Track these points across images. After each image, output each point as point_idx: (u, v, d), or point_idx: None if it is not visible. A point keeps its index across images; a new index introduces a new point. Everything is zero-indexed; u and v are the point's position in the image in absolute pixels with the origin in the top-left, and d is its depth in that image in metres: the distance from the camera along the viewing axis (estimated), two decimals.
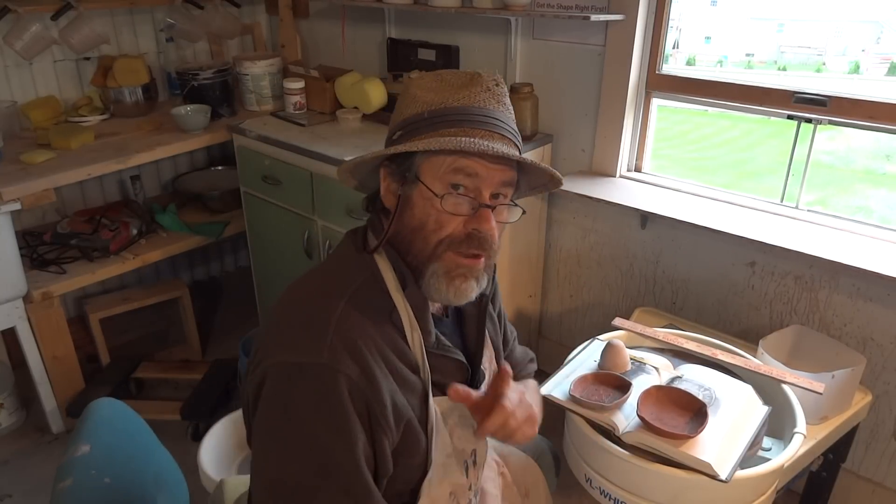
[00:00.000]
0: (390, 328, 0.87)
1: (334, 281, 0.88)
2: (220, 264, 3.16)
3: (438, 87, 0.89)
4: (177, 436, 2.14)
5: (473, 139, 0.83)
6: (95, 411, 1.06)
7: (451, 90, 0.88)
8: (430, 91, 0.89)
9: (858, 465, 1.86)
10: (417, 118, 0.87)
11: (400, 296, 0.88)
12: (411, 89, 0.90)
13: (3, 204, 1.85)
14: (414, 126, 0.87)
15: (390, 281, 0.89)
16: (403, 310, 0.88)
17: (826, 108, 1.69)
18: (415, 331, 0.88)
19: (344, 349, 0.79)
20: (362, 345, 0.81)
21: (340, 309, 0.83)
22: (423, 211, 0.86)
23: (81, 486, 0.94)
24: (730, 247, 1.89)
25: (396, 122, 0.91)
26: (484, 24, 2.20)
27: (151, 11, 2.60)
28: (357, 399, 0.79)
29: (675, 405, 1.28)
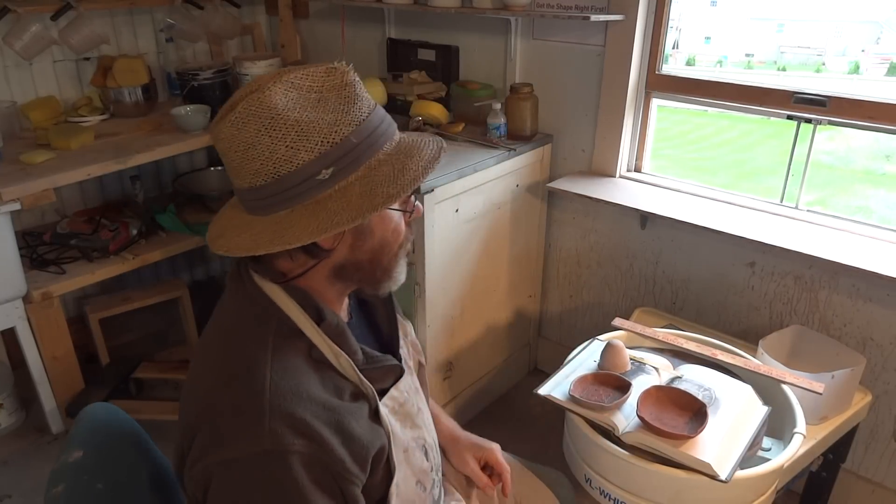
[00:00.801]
0: (315, 368, 0.82)
1: (246, 345, 0.82)
2: (220, 264, 3.16)
3: (314, 101, 0.77)
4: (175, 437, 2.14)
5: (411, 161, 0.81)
6: (89, 416, 1.05)
7: (335, 102, 0.78)
8: (310, 108, 0.77)
9: (858, 466, 1.86)
10: (346, 148, 0.77)
11: (315, 331, 0.83)
12: (283, 115, 0.75)
13: (3, 204, 1.85)
14: (349, 158, 0.78)
15: (300, 319, 0.83)
16: (322, 343, 0.83)
17: (826, 108, 1.69)
18: (340, 357, 0.84)
19: (285, 426, 0.75)
20: (301, 412, 0.76)
21: (268, 382, 0.77)
22: (384, 231, 0.86)
23: (74, 491, 0.94)
24: (730, 247, 1.89)
25: (306, 161, 0.76)
26: (484, 24, 2.20)
27: (151, 12, 2.60)
28: (314, 470, 0.76)
29: (674, 405, 1.28)
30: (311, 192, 0.78)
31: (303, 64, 2.65)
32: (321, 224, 0.76)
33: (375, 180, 0.79)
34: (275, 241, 0.77)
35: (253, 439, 0.74)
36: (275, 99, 0.75)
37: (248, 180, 0.78)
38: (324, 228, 0.76)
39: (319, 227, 0.76)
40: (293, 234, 0.77)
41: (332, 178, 0.77)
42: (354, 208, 0.77)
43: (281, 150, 0.76)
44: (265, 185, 0.77)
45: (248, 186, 0.79)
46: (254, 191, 0.79)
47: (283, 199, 0.78)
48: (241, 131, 0.76)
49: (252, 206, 0.81)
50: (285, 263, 0.84)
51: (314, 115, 0.76)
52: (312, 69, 0.79)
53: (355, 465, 0.80)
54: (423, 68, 2.29)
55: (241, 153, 0.77)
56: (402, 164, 0.80)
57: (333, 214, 0.77)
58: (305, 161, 0.76)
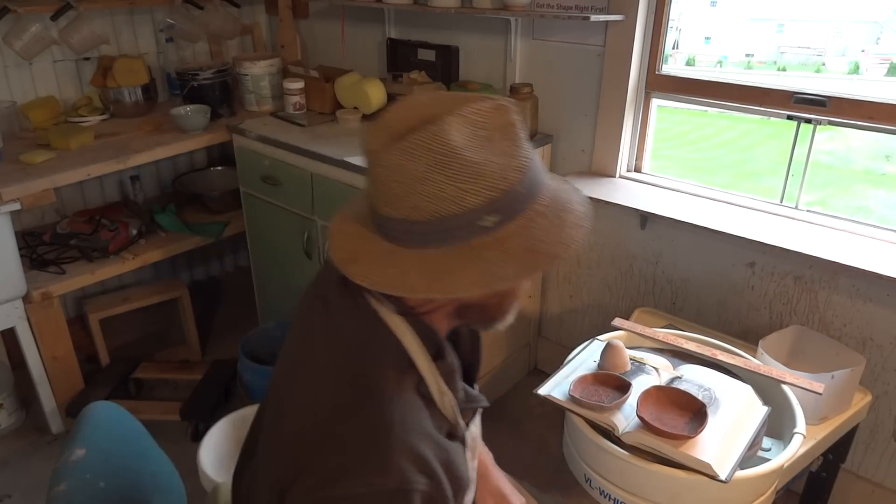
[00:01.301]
0: (422, 402, 0.79)
1: (371, 370, 0.78)
2: (220, 264, 3.16)
3: (485, 140, 0.72)
4: (176, 436, 2.14)
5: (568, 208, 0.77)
6: (91, 415, 1.06)
7: (503, 143, 0.73)
8: (482, 148, 0.72)
9: (858, 466, 1.86)
10: (512, 196, 0.72)
11: (428, 367, 0.80)
12: (459, 154, 0.70)
13: (3, 204, 1.85)
14: (514, 207, 0.73)
15: (416, 353, 0.79)
16: (432, 379, 0.80)
17: (825, 108, 1.69)
18: (445, 396, 0.81)
19: (411, 463, 0.72)
20: (424, 449, 0.74)
21: (396, 415, 0.74)
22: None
23: (76, 490, 0.94)
24: (729, 247, 1.89)
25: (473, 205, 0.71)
26: (484, 25, 2.20)
27: (151, 12, 2.60)
28: None
29: (674, 405, 1.28)
30: (470, 237, 0.73)
31: (302, 64, 2.65)
32: (484, 277, 0.72)
33: (536, 235, 0.74)
34: (433, 287, 0.72)
35: (380, 476, 0.71)
36: (452, 134, 0.70)
37: (404, 212, 0.73)
38: (487, 283, 0.71)
39: (483, 281, 0.71)
40: (454, 282, 0.72)
41: (495, 226, 0.73)
42: (518, 263, 0.72)
43: (450, 191, 0.70)
44: (423, 221, 0.72)
45: (399, 217, 0.73)
46: (406, 223, 0.73)
47: (437, 238, 0.73)
48: (411, 163, 0.71)
49: (395, 236, 0.75)
50: (417, 301, 0.80)
51: (486, 157, 0.71)
52: (480, 104, 0.73)
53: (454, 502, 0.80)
54: (423, 68, 2.29)
55: (405, 185, 0.71)
56: (559, 219, 0.75)
57: (495, 267, 0.72)
58: (473, 206, 0.71)
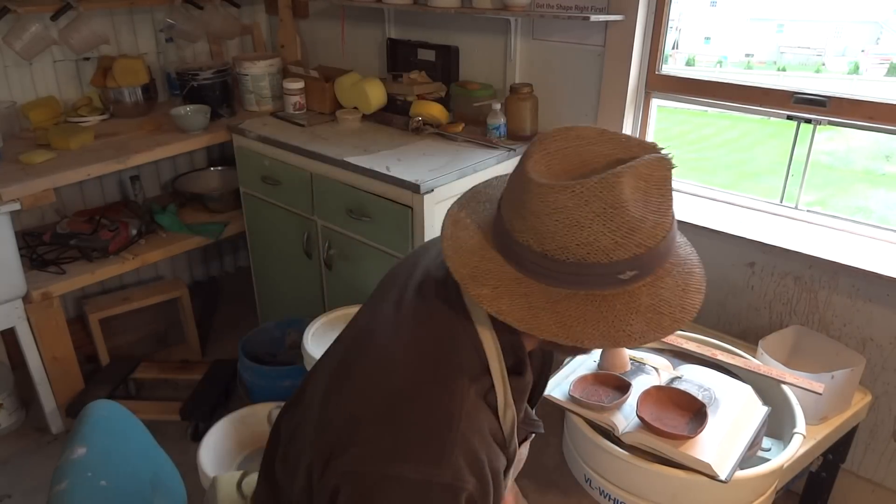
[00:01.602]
0: (486, 408, 0.79)
1: (448, 365, 0.78)
2: (220, 264, 3.16)
3: (645, 194, 0.70)
4: (176, 436, 2.14)
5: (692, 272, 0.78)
6: (92, 413, 1.06)
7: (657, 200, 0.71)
8: (642, 204, 0.70)
9: (858, 466, 1.86)
10: (654, 254, 0.72)
11: (501, 378, 0.80)
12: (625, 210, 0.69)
13: (3, 204, 1.85)
14: (652, 265, 0.73)
15: (494, 361, 0.79)
16: (501, 391, 0.80)
17: (825, 108, 1.69)
18: (509, 409, 0.81)
19: (466, 463, 0.73)
20: (482, 454, 0.75)
21: (463, 412, 0.75)
22: None
23: (77, 488, 0.94)
24: (729, 247, 1.89)
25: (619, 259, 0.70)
26: (484, 25, 2.20)
27: (151, 12, 2.60)
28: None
29: (674, 405, 1.28)
30: (603, 286, 0.72)
31: (302, 64, 2.65)
32: (612, 332, 0.71)
33: (662, 295, 0.73)
34: (562, 333, 0.71)
35: (435, 467, 0.72)
36: (625, 190, 0.69)
37: (548, 248, 0.71)
38: (614, 339, 0.71)
39: (611, 336, 0.71)
40: (584, 332, 0.71)
41: (630, 280, 0.72)
42: (645, 322, 0.71)
43: (605, 241, 0.70)
44: (565, 262, 0.71)
45: (540, 251, 0.72)
46: (546, 259, 0.72)
47: (574, 282, 0.72)
48: (579, 207, 0.69)
49: (527, 266, 0.74)
50: None
51: (643, 214, 0.70)
52: (650, 158, 0.71)
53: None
54: (423, 68, 2.29)
55: (562, 225, 0.70)
56: (684, 283, 0.75)
57: (622, 322, 0.71)
58: (619, 259, 0.71)
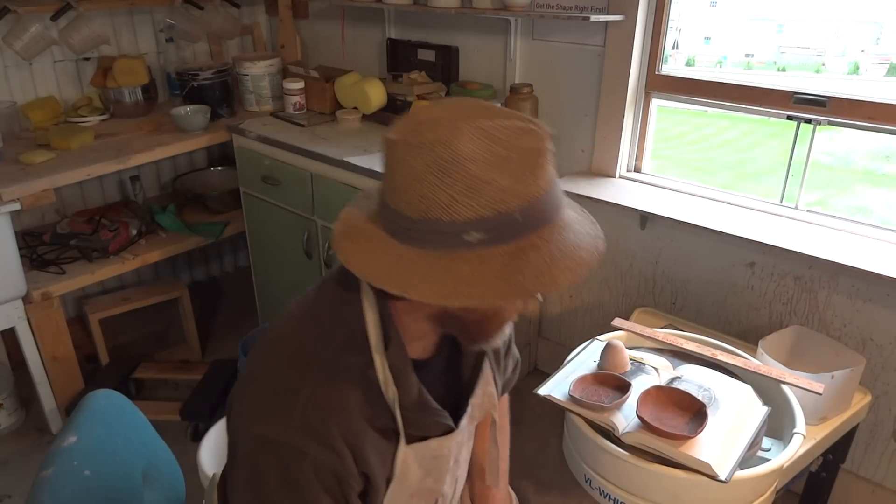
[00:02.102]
0: (364, 384, 0.82)
1: (315, 338, 0.83)
2: (220, 265, 3.16)
3: (499, 158, 0.69)
4: (176, 436, 2.14)
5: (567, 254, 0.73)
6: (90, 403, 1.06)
7: (518, 167, 0.70)
8: (492, 165, 0.69)
9: (858, 466, 1.86)
10: (505, 220, 0.70)
11: (380, 353, 0.82)
12: (462, 163, 0.68)
13: (3, 204, 1.85)
14: (504, 231, 0.70)
15: (373, 338, 0.82)
16: (381, 367, 0.82)
17: (825, 108, 1.69)
18: (390, 387, 0.83)
19: (311, 430, 0.78)
20: (331, 425, 0.79)
21: (310, 385, 0.79)
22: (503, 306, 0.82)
23: (61, 476, 0.94)
24: (729, 247, 1.89)
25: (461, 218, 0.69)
26: (484, 25, 2.20)
27: (151, 12, 2.60)
28: (324, 473, 0.79)
29: (674, 405, 1.28)
30: (451, 246, 0.71)
31: (302, 64, 2.65)
32: (446, 290, 0.70)
33: (517, 266, 0.70)
34: (395, 282, 0.72)
35: (279, 426, 0.78)
36: (462, 143, 0.68)
37: (399, 206, 0.73)
38: (447, 296, 0.70)
39: (444, 293, 0.70)
40: (416, 286, 0.71)
41: (479, 243, 0.70)
42: (487, 288, 0.70)
43: (443, 196, 0.69)
44: (411, 218, 0.72)
45: (395, 209, 0.74)
46: (397, 216, 0.74)
47: (420, 239, 0.72)
48: (414, 159, 0.70)
49: (387, 223, 0.76)
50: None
51: (491, 175, 0.69)
52: (511, 122, 0.71)
53: (358, 476, 0.84)
54: (423, 69, 2.29)
55: (405, 179, 0.71)
56: (552, 260, 0.71)
57: (464, 284, 0.70)
58: (462, 218, 0.69)
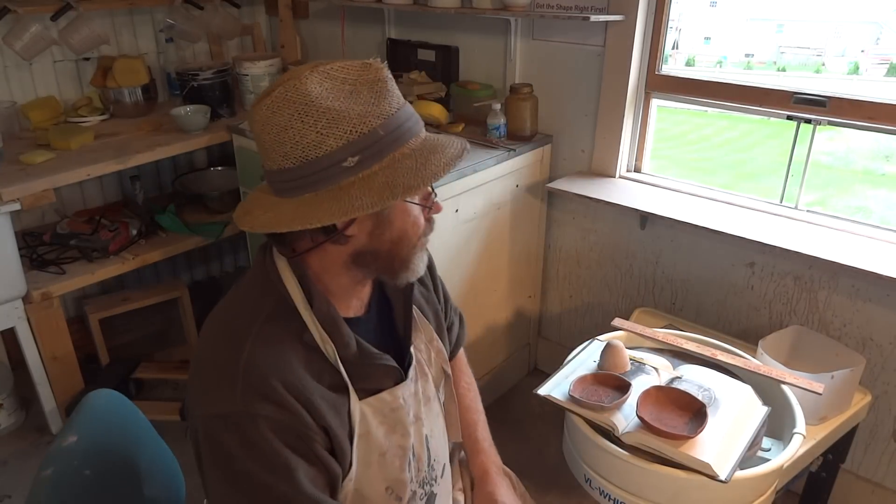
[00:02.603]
0: (304, 349, 0.87)
1: (241, 316, 0.88)
2: (220, 265, 3.16)
3: (347, 92, 0.81)
4: (176, 436, 2.12)
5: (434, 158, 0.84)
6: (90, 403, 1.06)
7: (367, 95, 0.82)
8: (343, 98, 0.80)
9: (858, 466, 1.87)
10: (373, 139, 0.80)
11: (308, 313, 0.88)
12: (316, 103, 0.79)
13: (3, 204, 1.85)
14: (375, 148, 0.81)
15: (298, 300, 0.88)
16: (313, 327, 0.87)
17: (825, 108, 1.69)
18: (328, 345, 0.88)
19: (255, 393, 0.81)
20: (274, 382, 0.82)
21: (246, 352, 0.83)
22: (404, 222, 0.89)
23: (61, 476, 0.94)
24: (729, 247, 1.89)
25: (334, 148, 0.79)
26: (484, 25, 2.20)
27: (151, 12, 2.60)
28: (283, 432, 0.82)
29: (674, 405, 1.28)
30: (337, 178, 0.81)
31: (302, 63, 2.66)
32: (343, 207, 0.80)
33: (398, 172, 0.82)
34: (296, 220, 0.81)
35: (226, 400, 0.81)
36: (310, 87, 0.79)
37: (279, 162, 0.82)
38: (344, 212, 0.79)
39: (340, 210, 0.80)
40: (315, 215, 0.80)
41: (358, 165, 0.81)
42: (375, 195, 0.80)
43: (311, 136, 0.79)
44: (294, 167, 0.81)
45: (277, 168, 0.82)
46: (282, 172, 0.82)
47: (309, 183, 0.81)
48: (275, 115, 0.80)
49: (280, 189, 0.85)
50: (305, 244, 0.88)
51: (345, 106, 0.80)
52: (349, 63, 0.83)
53: (321, 432, 0.86)
54: (422, 68, 2.29)
55: (274, 136, 0.81)
56: (424, 159, 0.83)
57: (355, 200, 0.80)
58: (333, 148, 0.80)
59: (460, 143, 0.89)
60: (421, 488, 1.04)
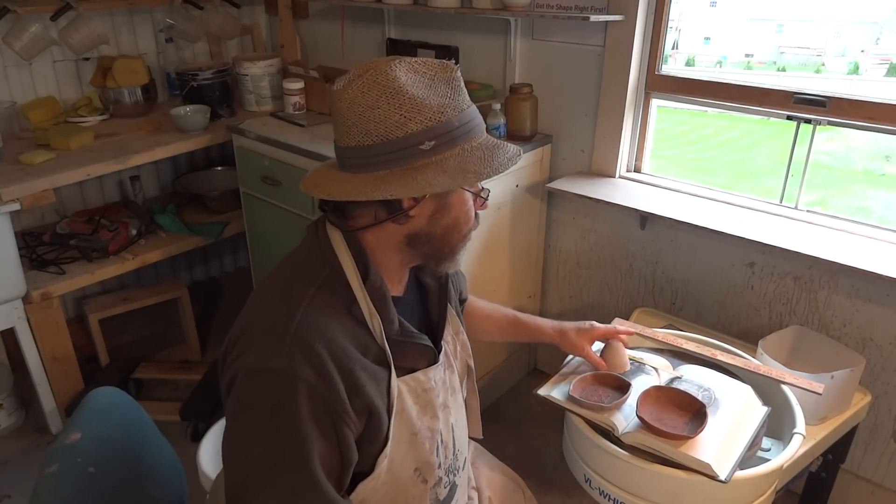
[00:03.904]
0: (351, 321, 0.90)
1: (297, 280, 0.92)
2: (220, 265, 3.16)
3: (427, 84, 0.89)
4: (176, 436, 2.14)
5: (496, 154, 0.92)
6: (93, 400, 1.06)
7: (445, 90, 0.90)
8: (425, 89, 0.88)
9: (858, 466, 1.87)
10: (448, 127, 0.88)
11: (360, 287, 0.91)
12: (403, 89, 0.86)
13: (3, 204, 1.85)
14: (449, 136, 0.89)
15: (351, 274, 0.92)
16: (363, 301, 0.91)
17: (825, 108, 1.69)
18: (375, 319, 0.92)
19: (301, 354, 0.83)
20: (320, 348, 0.84)
21: (301, 312, 0.86)
22: (460, 210, 0.95)
23: (65, 473, 0.94)
24: (729, 247, 1.89)
25: (414, 131, 0.86)
26: (483, 25, 2.20)
27: (151, 12, 2.60)
28: (316, 402, 0.83)
29: (674, 406, 1.28)
30: (412, 159, 0.87)
31: (302, 64, 2.65)
32: (418, 185, 0.87)
33: (468, 160, 0.89)
34: (374, 191, 0.87)
35: (272, 355, 0.84)
36: (398, 74, 0.87)
37: (358, 139, 0.88)
38: (420, 188, 0.86)
39: (416, 187, 0.87)
40: (389, 189, 0.87)
41: (433, 150, 0.88)
42: (448, 177, 0.87)
43: (395, 117, 0.86)
44: (373, 145, 0.87)
45: (356, 144, 0.88)
46: (361, 149, 0.88)
47: (386, 161, 0.88)
48: (364, 95, 0.87)
49: (352, 164, 0.90)
50: (366, 220, 0.93)
51: (427, 95, 0.88)
52: (428, 60, 0.91)
53: (353, 412, 0.87)
54: None
55: (359, 114, 0.87)
56: (490, 153, 0.91)
57: (431, 179, 0.87)
58: (413, 131, 0.87)
59: (515, 147, 0.96)
60: (446, 476, 1.06)
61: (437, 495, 1.04)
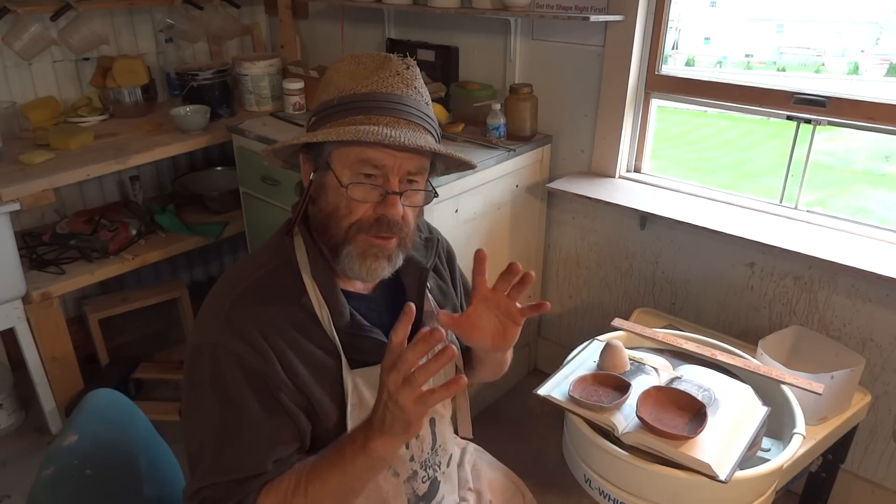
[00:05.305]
0: (298, 311, 0.92)
1: (249, 265, 0.96)
2: (220, 265, 3.16)
3: (353, 71, 0.92)
4: (176, 436, 2.13)
5: (377, 127, 0.87)
6: (90, 402, 1.06)
7: (362, 75, 0.91)
8: (344, 75, 0.92)
9: (857, 466, 1.86)
10: (328, 105, 0.91)
11: (309, 278, 0.93)
12: (329, 72, 0.94)
13: (3, 204, 1.85)
14: (325, 113, 0.92)
15: (303, 264, 0.94)
16: (312, 291, 0.93)
17: (825, 108, 1.69)
18: (324, 310, 0.93)
19: (233, 331, 0.87)
20: (253, 327, 0.88)
21: (238, 292, 0.90)
22: (334, 197, 0.91)
23: (62, 475, 0.95)
24: (729, 247, 1.89)
25: (313, 108, 0.95)
26: (483, 25, 2.20)
27: (151, 12, 2.60)
28: (249, 373, 0.87)
29: (674, 406, 1.28)
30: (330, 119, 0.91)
31: (301, 64, 2.65)
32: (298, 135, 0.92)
33: (347, 127, 0.88)
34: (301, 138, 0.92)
35: (209, 332, 0.89)
36: (341, 64, 0.94)
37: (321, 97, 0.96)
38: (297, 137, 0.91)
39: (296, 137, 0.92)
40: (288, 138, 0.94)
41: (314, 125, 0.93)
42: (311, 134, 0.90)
43: (317, 95, 0.96)
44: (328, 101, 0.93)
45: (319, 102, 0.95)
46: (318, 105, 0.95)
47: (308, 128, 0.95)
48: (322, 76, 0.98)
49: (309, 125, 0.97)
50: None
51: (344, 79, 0.92)
52: (385, 54, 0.95)
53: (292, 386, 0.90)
54: (422, 69, 2.29)
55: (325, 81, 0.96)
56: (372, 130, 0.86)
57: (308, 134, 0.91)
58: (323, 100, 0.93)
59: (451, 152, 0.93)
60: (423, 470, 1.05)
61: (414, 490, 1.03)
